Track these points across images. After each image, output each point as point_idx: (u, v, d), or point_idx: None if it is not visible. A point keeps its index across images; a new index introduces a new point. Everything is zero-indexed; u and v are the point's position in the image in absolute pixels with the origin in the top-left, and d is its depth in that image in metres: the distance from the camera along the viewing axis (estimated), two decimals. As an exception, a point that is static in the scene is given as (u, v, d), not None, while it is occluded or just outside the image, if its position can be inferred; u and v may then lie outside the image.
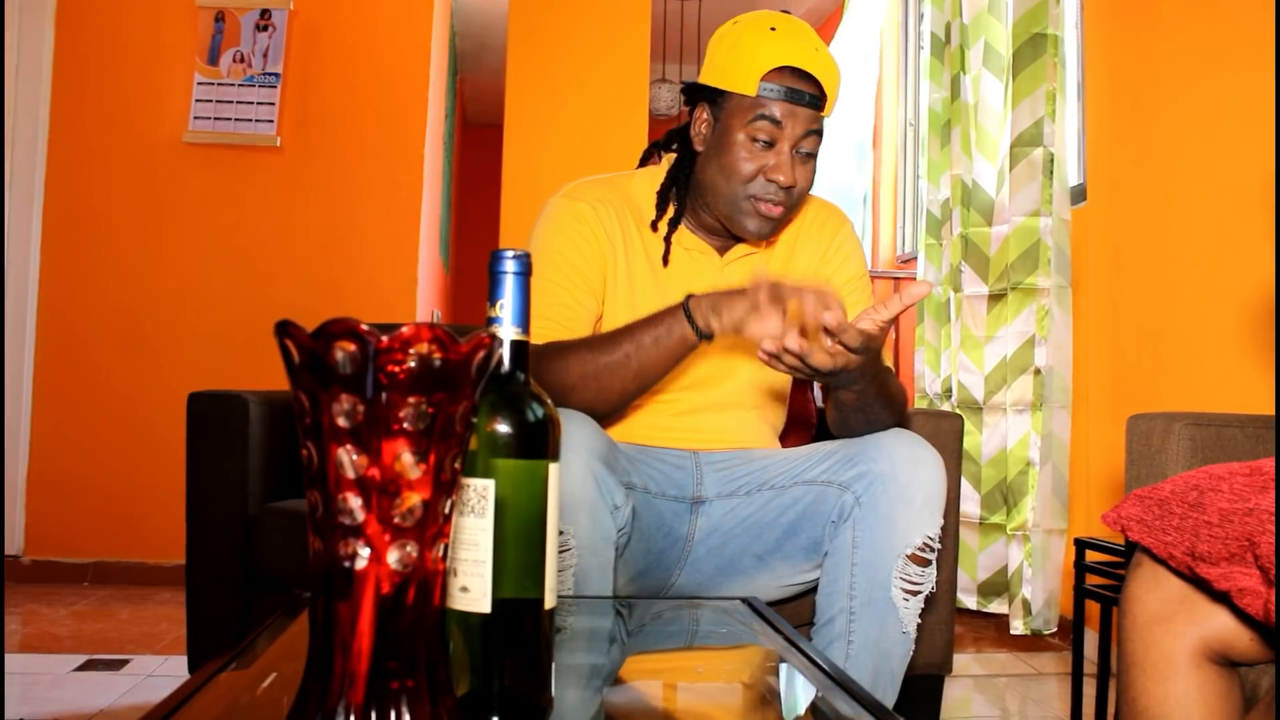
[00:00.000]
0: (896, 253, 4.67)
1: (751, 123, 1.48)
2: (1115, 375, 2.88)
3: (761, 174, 1.50)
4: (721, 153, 1.52)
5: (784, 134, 1.49)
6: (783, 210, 1.53)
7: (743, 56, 1.49)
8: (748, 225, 1.54)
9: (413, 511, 0.61)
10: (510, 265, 0.75)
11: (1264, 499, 1.02)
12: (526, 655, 0.75)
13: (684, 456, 1.59)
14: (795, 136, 1.49)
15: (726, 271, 1.63)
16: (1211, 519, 1.05)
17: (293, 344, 0.60)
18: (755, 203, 1.52)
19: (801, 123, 1.49)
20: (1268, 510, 0.99)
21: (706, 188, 1.56)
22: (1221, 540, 1.02)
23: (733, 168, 1.51)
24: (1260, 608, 0.97)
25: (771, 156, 1.50)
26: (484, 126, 7.62)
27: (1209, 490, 1.09)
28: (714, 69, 1.53)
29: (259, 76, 3.64)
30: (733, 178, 1.51)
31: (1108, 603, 2.08)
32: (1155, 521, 1.12)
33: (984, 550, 3.06)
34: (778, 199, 1.51)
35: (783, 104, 1.48)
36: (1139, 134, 2.80)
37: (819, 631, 1.42)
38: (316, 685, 0.61)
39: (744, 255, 1.65)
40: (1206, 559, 1.04)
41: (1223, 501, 1.06)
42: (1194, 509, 1.08)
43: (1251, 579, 0.99)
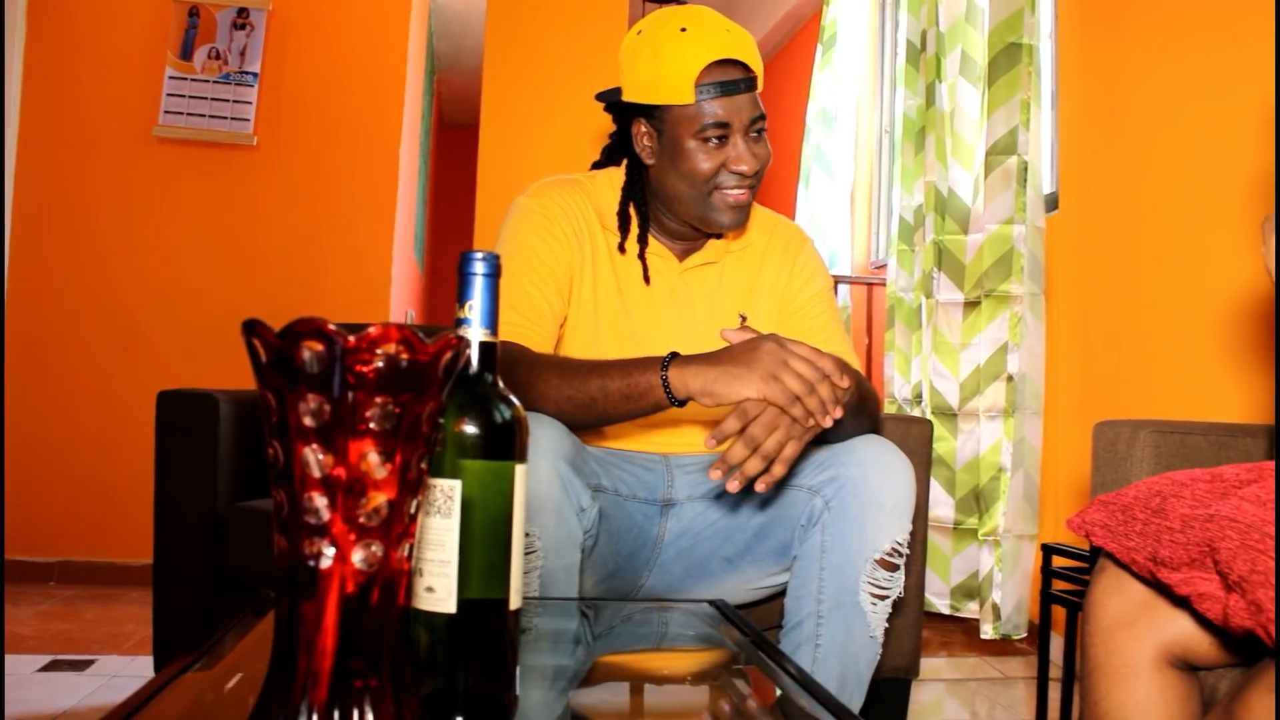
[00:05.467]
0: (870, 259, 4.69)
1: (701, 130, 1.48)
2: (1084, 382, 2.91)
3: (724, 167, 1.51)
4: (678, 161, 1.51)
5: (733, 127, 1.49)
6: (750, 194, 1.54)
7: (667, 68, 1.47)
8: (722, 220, 1.54)
9: (378, 511, 0.61)
10: (479, 267, 0.75)
11: (1223, 505, 1.03)
12: (491, 655, 0.75)
13: (655, 460, 1.59)
14: (744, 125, 1.50)
15: (685, 277, 1.63)
16: (1173, 524, 1.06)
17: (260, 343, 0.60)
18: (723, 195, 1.52)
19: (746, 110, 1.49)
20: (1227, 516, 1.01)
21: (671, 197, 1.56)
22: (1182, 545, 1.04)
23: (694, 172, 1.51)
24: (1219, 612, 0.98)
25: (728, 150, 1.50)
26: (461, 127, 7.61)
27: (1171, 496, 1.10)
28: (640, 85, 1.51)
29: (235, 75, 3.62)
30: (696, 181, 1.51)
31: (1073, 608, 2.10)
32: (1119, 527, 1.13)
33: (958, 554, 3.08)
34: (744, 185, 1.52)
35: (723, 101, 1.48)
36: (1110, 143, 2.83)
37: (787, 635, 1.42)
38: (280, 684, 0.61)
39: (703, 264, 1.65)
40: (1168, 564, 1.05)
41: (1184, 507, 1.07)
42: (1156, 514, 1.09)
43: (1211, 584, 1.00)
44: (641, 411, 1.33)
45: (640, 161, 1.59)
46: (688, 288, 1.63)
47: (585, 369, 1.36)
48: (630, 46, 1.54)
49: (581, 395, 1.33)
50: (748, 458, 1.24)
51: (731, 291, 1.65)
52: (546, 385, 1.35)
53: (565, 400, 1.34)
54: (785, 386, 1.23)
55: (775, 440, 1.24)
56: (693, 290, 1.63)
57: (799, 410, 1.24)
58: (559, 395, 1.34)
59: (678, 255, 1.64)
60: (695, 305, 1.63)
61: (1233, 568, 0.96)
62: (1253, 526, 0.98)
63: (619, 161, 1.65)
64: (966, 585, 3.07)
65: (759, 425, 1.24)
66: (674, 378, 1.28)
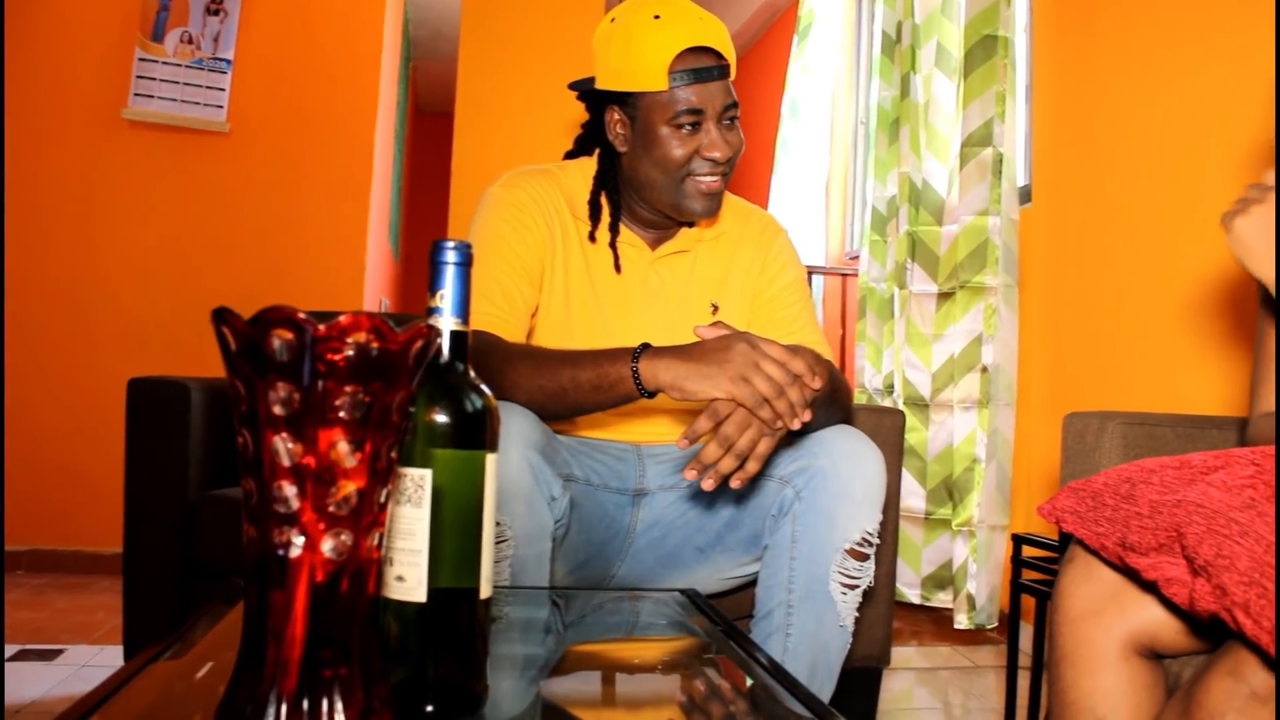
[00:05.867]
0: (845, 249, 4.71)
1: (674, 117, 1.49)
2: (1056, 373, 2.93)
3: (696, 154, 1.51)
4: (651, 148, 1.52)
5: (707, 114, 1.50)
6: (722, 181, 1.55)
7: (641, 55, 1.48)
8: (694, 207, 1.54)
9: (348, 500, 0.61)
10: (451, 255, 0.75)
11: (1190, 491, 1.05)
12: (461, 644, 0.75)
13: (626, 449, 1.60)
14: (717, 112, 1.50)
15: (657, 266, 1.64)
16: (1142, 510, 1.07)
17: (229, 331, 0.59)
18: (696, 182, 1.52)
19: (719, 97, 1.50)
20: (1194, 502, 1.02)
21: (643, 185, 1.56)
22: (1151, 531, 1.05)
23: (667, 159, 1.51)
24: (1185, 597, 1.00)
25: (701, 136, 1.50)
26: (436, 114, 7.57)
27: (1140, 483, 1.12)
28: (613, 73, 1.52)
29: (209, 61, 3.59)
30: (669, 168, 1.51)
31: (1043, 597, 2.11)
32: (1089, 513, 1.14)
33: (929, 545, 3.10)
34: (717, 172, 1.53)
35: (696, 87, 1.48)
36: (1082, 137, 2.85)
37: (758, 624, 1.43)
38: (249, 673, 0.61)
39: (675, 252, 1.65)
40: (1136, 549, 1.06)
41: (1153, 493, 1.08)
42: (1126, 500, 1.10)
43: (1178, 569, 1.01)
44: (612, 402, 1.33)
45: (613, 150, 1.59)
46: (659, 276, 1.63)
47: (556, 359, 1.36)
48: (604, 34, 1.54)
49: (552, 385, 1.34)
50: (722, 457, 1.25)
51: (704, 281, 1.66)
52: (518, 374, 1.35)
53: (536, 390, 1.34)
54: (754, 388, 1.24)
55: (748, 438, 1.25)
56: (664, 279, 1.63)
57: (767, 412, 1.24)
58: (530, 384, 1.35)
59: (650, 244, 1.64)
60: (667, 294, 1.63)
61: (1199, 552, 0.97)
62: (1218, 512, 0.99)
63: (591, 151, 1.65)
64: (938, 575, 3.09)
65: (731, 424, 1.25)
66: (644, 370, 1.29)
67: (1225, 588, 0.92)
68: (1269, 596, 0.88)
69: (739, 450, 1.25)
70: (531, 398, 1.35)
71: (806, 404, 1.27)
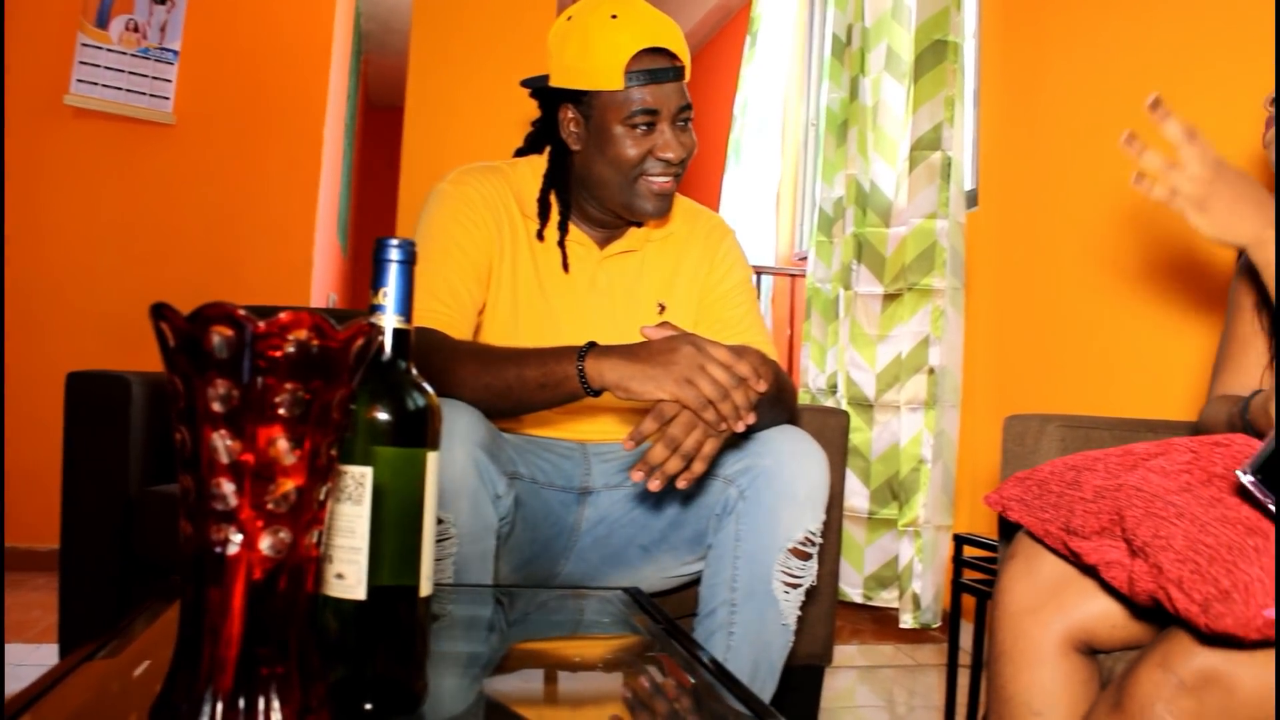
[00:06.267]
0: (794, 249, 4.74)
1: (629, 117, 1.49)
2: (1000, 376, 2.97)
3: (650, 154, 1.52)
4: (605, 147, 1.52)
5: (661, 115, 1.51)
6: (674, 182, 1.56)
7: (597, 54, 1.48)
8: (646, 207, 1.55)
9: (287, 497, 0.61)
10: (394, 253, 0.74)
11: (1131, 476, 1.09)
12: (402, 642, 0.75)
13: (572, 448, 1.60)
14: (672, 113, 1.51)
15: (605, 265, 1.64)
16: (1086, 495, 1.11)
17: (168, 328, 0.59)
18: (648, 182, 1.53)
19: (674, 98, 1.51)
20: (1134, 486, 1.06)
21: (596, 183, 1.56)
22: (1094, 514, 1.08)
23: (621, 158, 1.51)
24: (1125, 579, 1.02)
25: (655, 137, 1.51)
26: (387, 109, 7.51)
27: (1085, 469, 1.15)
28: (569, 71, 1.52)
29: (155, 51, 3.53)
30: (623, 167, 1.52)
31: (983, 596, 2.15)
32: (1034, 500, 1.17)
33: (871, 544, 3.12)
34: (669, 173, 1.54)
35: (652, 88, 1.49)
36: (1028, 142, 2.89)
37: (701, 622, 1.44)
38: (184, 672, 0.61)
39: (623, 251, 1.66)
40: (1079, 533, 1.09)
41: (1097, 479, 1.12)
42: (1071, 487, 1.14)
43: (1118, 551, 1.04)
44: (557, 400, 1.34)
45: (564, 148, 1.59)
46: (608, 275, 1.64)
47: (502, 357, 1.36)
48: (560, 32, 1.54)
49: (498, 383, 1.34)
50: (668, 458, 1.26)
51: (652, 280, 1.66)
52: (464, 372, 1.35)
53: (482, 388, 1.34)
54: (699, 391, 1.25)
55: (694, 439, 1.26)
56: (612, 278, 1.64)
57: (711, 415, 1.26)
58: (476, 382, 1.35)
59: (598, 243, 1.64)
60: (615, 293, 1.63)
61: (1137, 533, 1.00)
62: (1157, 495, 1.02)
63: (542, 149, 1.65)
64: (880, 575, 3.12)
65: (677, 425, 1.26)
66: (590, 369, 1.29)
67: (1161, 566, 0.95)
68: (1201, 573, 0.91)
69: (685, 451, 1.26)
70: (477, 396, 1.34)
71: (751, 406, 1.28)
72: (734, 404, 1.26)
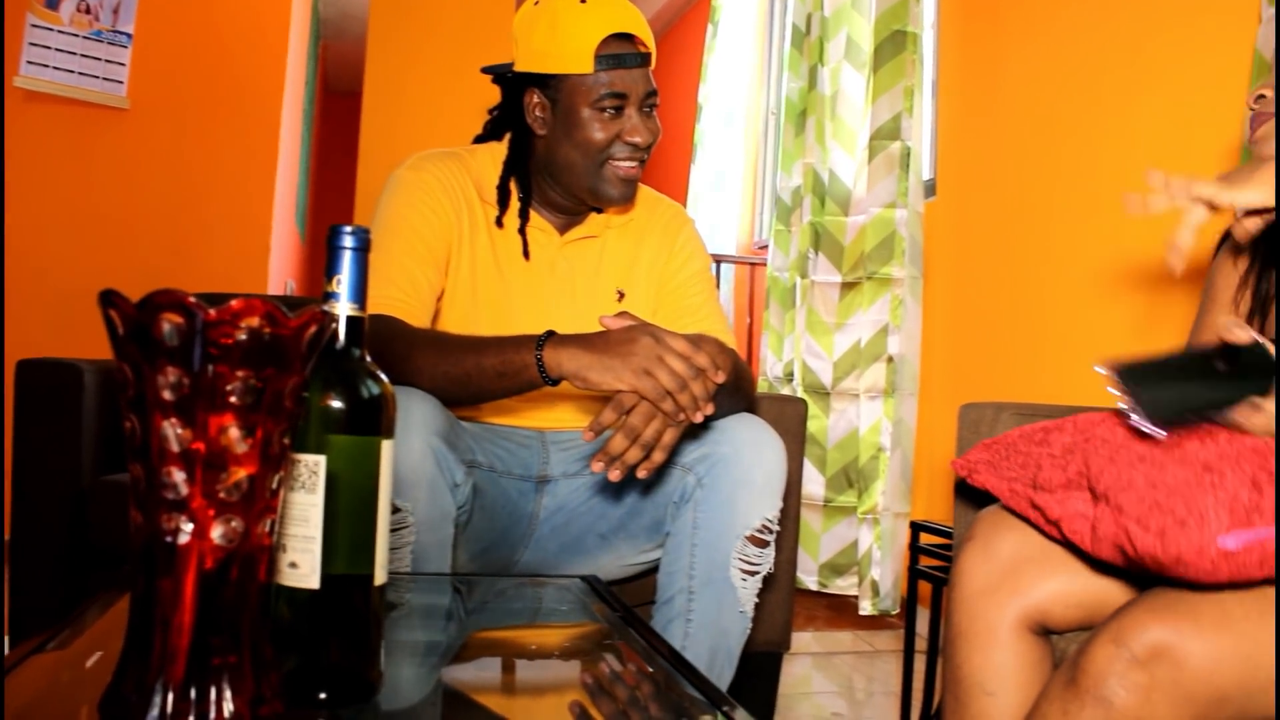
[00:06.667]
0: (754, 238, 4.75)
1: (598, 100, 1.50)
2: (957, 364, 3.00)
3: (617, 139, 1.52)
4: (573, 131, 1.52)
5: (630, 99, 1.51)
6: (640, 168, 1.56)
7: (566, 38, 1.49)
8: (611, 193, 1.55)
9: (239, 486, 0.60)
10: (348, 240, 0.74)
11: (1099, 429, 1.11)
12: (356, 631, 0.74)
13: (530, 436, 1.60)
14: (639, 98, 1.52)
15: (565, 251, 1.64)
16: (1055, 451, 1.13)
17: (117, 315, 0.58)
18: (615, 167, 1.53)
19: (641, 83, 1.52)
20: (1101, 438, 1.09)
21: (562, 168, 1.56)
22: (1061, 468, 1.11)
23: (589, 142, 1.52)
24: (1087, 532, 1.05)
25: (623, 121, 1.52)
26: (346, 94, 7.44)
27: (1054, 430, 1.18)
28: (537, 54, 1.52)
29: (108, 33, 3.48)
30: (590, 151, 1.52)
31: (939, 583, 2.17)
32: (1000, 462, 1.19)
33: (827, 532, 3.14)
34: (636, 158, 1.54)
35: (620, 72, 1.50)
36: (986, 132, 2.92)
37: (659, 610, 1.44)
38: (135, 662, 0.60)
39: (583, 237, 1.65)
40: (1045, 487, 1.12)
41: (1066, 438, 1.14)
42: (1039, 445, 1.16)
43: (1083, 503, 1.07)
44: (516, 389, 1.34)
45: (525, 135, 1.59)
46: (568, 261, 1.63)
47: (461, 345, 1.35)
48: (527, 16, 1.54)
49: (457, 371, 1.33)
50: (628, 448, 1.26)
51: (611, 267, 1.66)
52: (423, 360, 1.35)
53: (441, 376, 1.34)
54: (657, 381, 1.25)
55: (654, 429, 1.26)
56: (573, 264, 1.64)
57: (669, 405, 1.26)
58: (435, 371, 1.34)
59: (558, 229, 1.64)
60: (574, 279, 1.63)
61: (1101, 479, 1.03)
62: (1123, 445, 1.05)
63: (502, 136, 1.64)
64: (835, 563, 3.14)
65: (637, 415, 1.26)
66: (548, 357, 1.29)
67: (1122, 507, 0.99)
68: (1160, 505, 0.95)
69: (645, 441, 1.26)
70: (436, 384, 1.34)
71: (709, 397, 1.29)
72: (692, 395, 1.26)
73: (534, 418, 1.61)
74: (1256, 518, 0.92)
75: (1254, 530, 0.92)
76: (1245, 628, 0.93)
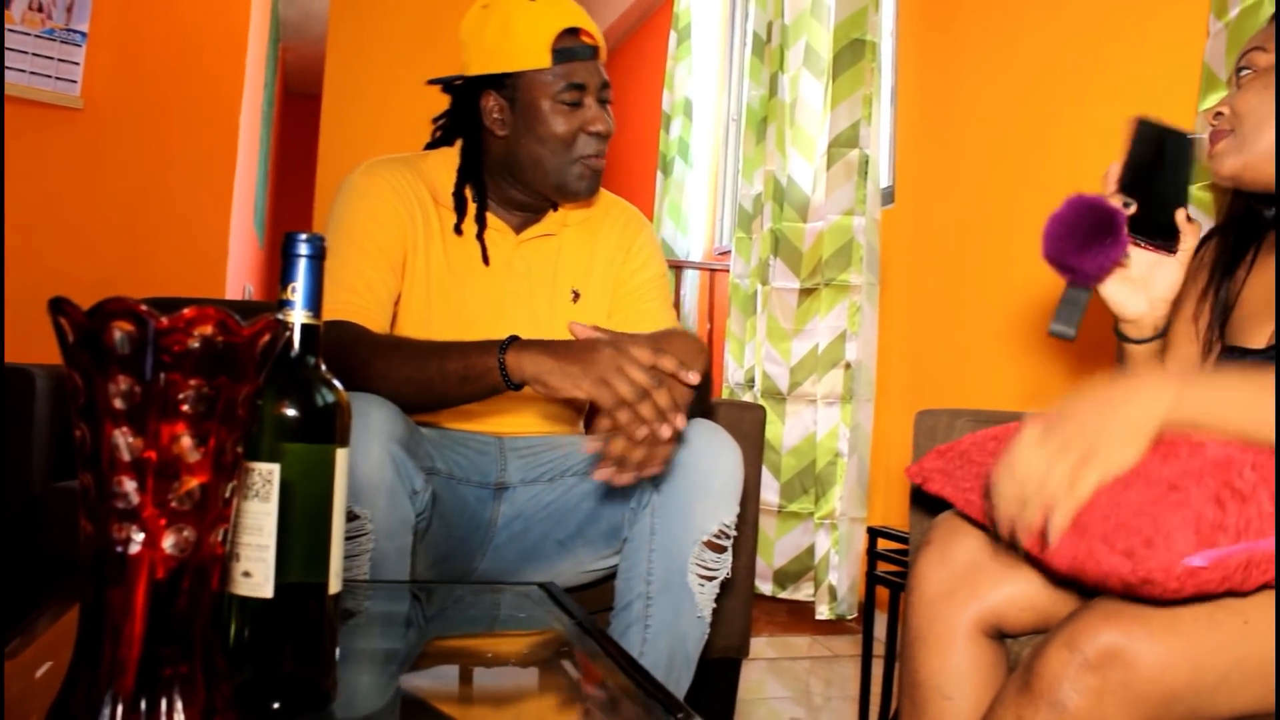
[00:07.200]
0: (714, 245, 4.76)
1: (559, 93, 1.52)
2: (914, 371, 3.03)
3: (581, 131, 1.54)
4: (536, 126, 1.54)
5: (587, 90, 1.54)
6: (601, 159, 1.58)
7: (521, 35, 1.51)
8: (579, 187, 1.57)
9: (191, 495, 0.60)
10: (303, 248, 0.74)
11: None
12: (310, 640, 0.74)
13: (489, 442, 1.59)
14: (597, 89, 1.55)
15: (521, 249, 1.64)
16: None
17: (67, 323, 0.58)
18: (586, 162, 1.56)
19: (596, 74, 1.55)
20: None
21: (526, 165, 1.57)
22: None
23: (553, 137, 1.53)
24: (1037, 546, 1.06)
25: (584, 112, 1.54)
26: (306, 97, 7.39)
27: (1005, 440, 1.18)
28: (491, 55, 1.54)
29: (61, 32, 3.43)
30: (556, 145, 1.54)
31: (897, 588, 2.18)
32: (955, 470, 1.20)
33: (781, 538, 3.15)
34: (599, 150, 1.57)
35: (577, 64, 1.53)
36: (944, 141, 2.95)
37: (617, 616, 1.44)
38: (84, 673, 0.60)
39: (540, 235, 1.66)
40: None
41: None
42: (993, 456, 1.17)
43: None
44: (479, 394, 1.34)
45: (477, 138, 1.60)
46: (524, 261, 1.64)
47: (423, 350, 1.35)
48: (476, 19, 1.56)
49: (420, 376, 1.33)
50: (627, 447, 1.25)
51: (568, 267, 1.67)
52: (384, 365, 1.34)
53: (403, 381, 1.34)
54: (614, 391, 1.23)
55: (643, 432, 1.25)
56: (529, 263, 1.64)
57: (626, 416, 1.23)
58: (397, 376, 1.34)
59: (514, 228, 1.65)
60: (532, 279, 1.64)
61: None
62: None
63: (452, 142, 1.64)
64: (790, 569, 3.15)
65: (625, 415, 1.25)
66: (511, 362, 1.29)
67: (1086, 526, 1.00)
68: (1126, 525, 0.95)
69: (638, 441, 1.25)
70: (398, 389, 1.34)
71: (680, 406, 1.27)
72: (655, 406, 1.24)
73: (493, 423, 1.60)
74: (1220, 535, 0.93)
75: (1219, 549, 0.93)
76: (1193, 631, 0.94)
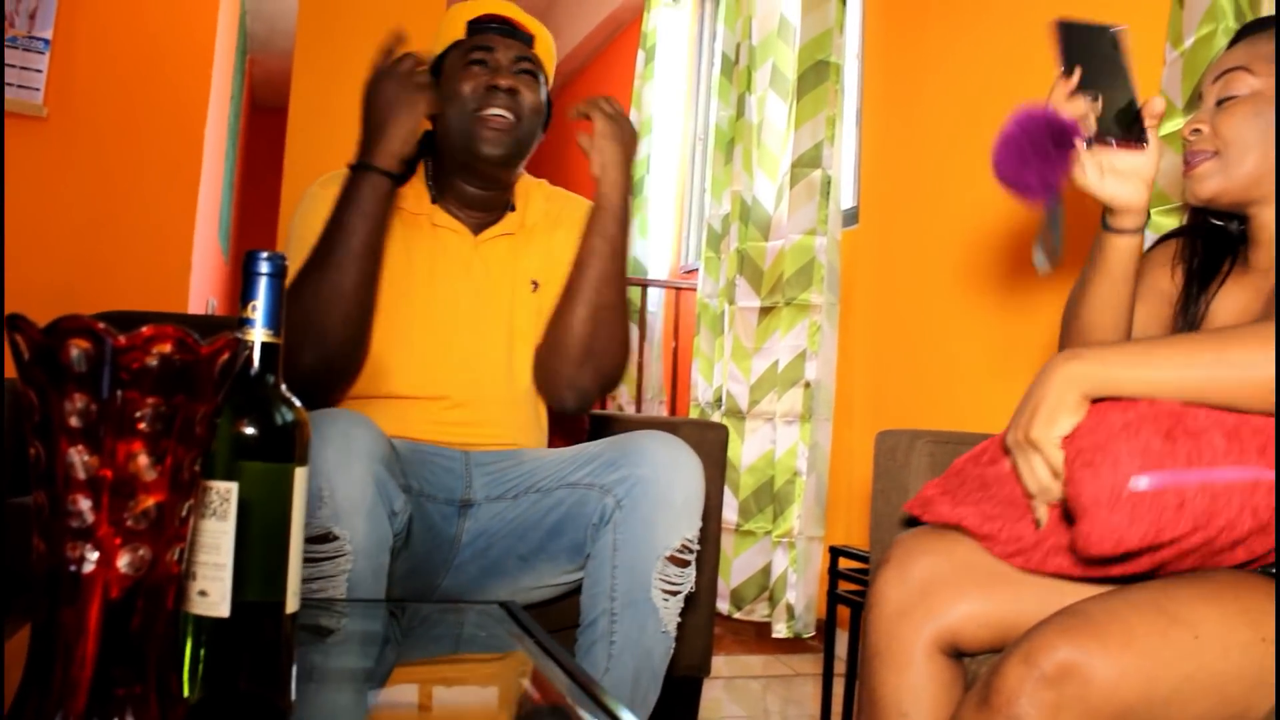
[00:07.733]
0: (680, 263, 4.78)
1: (466, 55, 1.62)
2: (875, 391, 3.05)
3: (485, 88, 1.60)
4: (448, 94, 1.62)
5: (497, 54, 1.62)
6: (512, 121, 1.61)
7: (447, 22, 1.66)
8: (483, 148, 1.61)
9: (147, 514, 0.60)
10: (264, 266, 0.73)
11: None
12: (266, 659, 0.74)
13: (455, 457, 1.59)
14: (509, 58, 1.63)
15: (481, 250, 1.67)
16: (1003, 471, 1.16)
17: (22, 340, 0.58)
18: (485, 119, 1.60)
19: (511, 49, 1.63)
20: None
21: (444, 134, 1.64)
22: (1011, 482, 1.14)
23: (457, 94, 1.61)
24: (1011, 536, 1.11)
25: (489, 72, 1.61)
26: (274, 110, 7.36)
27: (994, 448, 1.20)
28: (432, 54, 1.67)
29: (24, 39, 3.39)
30: (459, 102, 1.60)
31: (857, 607, 2.20)
32: (958, 489, 1.21)
33: (738, 556, 3.15)
34: (504, 107, 1.60)
35: (491, 35, 1.63)
36: (907, 163, 2.98)
37: (583, 633, 1.44)
38: (33, 695, 0.59)
39: (500, 235, 1.70)
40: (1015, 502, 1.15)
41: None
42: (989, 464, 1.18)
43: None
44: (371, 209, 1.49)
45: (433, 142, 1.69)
46: (484, 261, 1.68)
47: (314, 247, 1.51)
48: None
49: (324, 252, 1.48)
50: None
51: (526, 261, 1.71)
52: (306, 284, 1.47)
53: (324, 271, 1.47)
54: None
55: None
56: (488, 262, 1.68)
57: None
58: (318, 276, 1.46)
59: (472, 229, 1.69)
60: (492, 277, 1.68)
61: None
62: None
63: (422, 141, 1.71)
64: (745, 589, 3.14)
65: None
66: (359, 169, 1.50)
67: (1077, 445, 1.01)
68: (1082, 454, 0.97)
69: None
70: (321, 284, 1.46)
71: None
72: None
73: (458, 434, 1.61)
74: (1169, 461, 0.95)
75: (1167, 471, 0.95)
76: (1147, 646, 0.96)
